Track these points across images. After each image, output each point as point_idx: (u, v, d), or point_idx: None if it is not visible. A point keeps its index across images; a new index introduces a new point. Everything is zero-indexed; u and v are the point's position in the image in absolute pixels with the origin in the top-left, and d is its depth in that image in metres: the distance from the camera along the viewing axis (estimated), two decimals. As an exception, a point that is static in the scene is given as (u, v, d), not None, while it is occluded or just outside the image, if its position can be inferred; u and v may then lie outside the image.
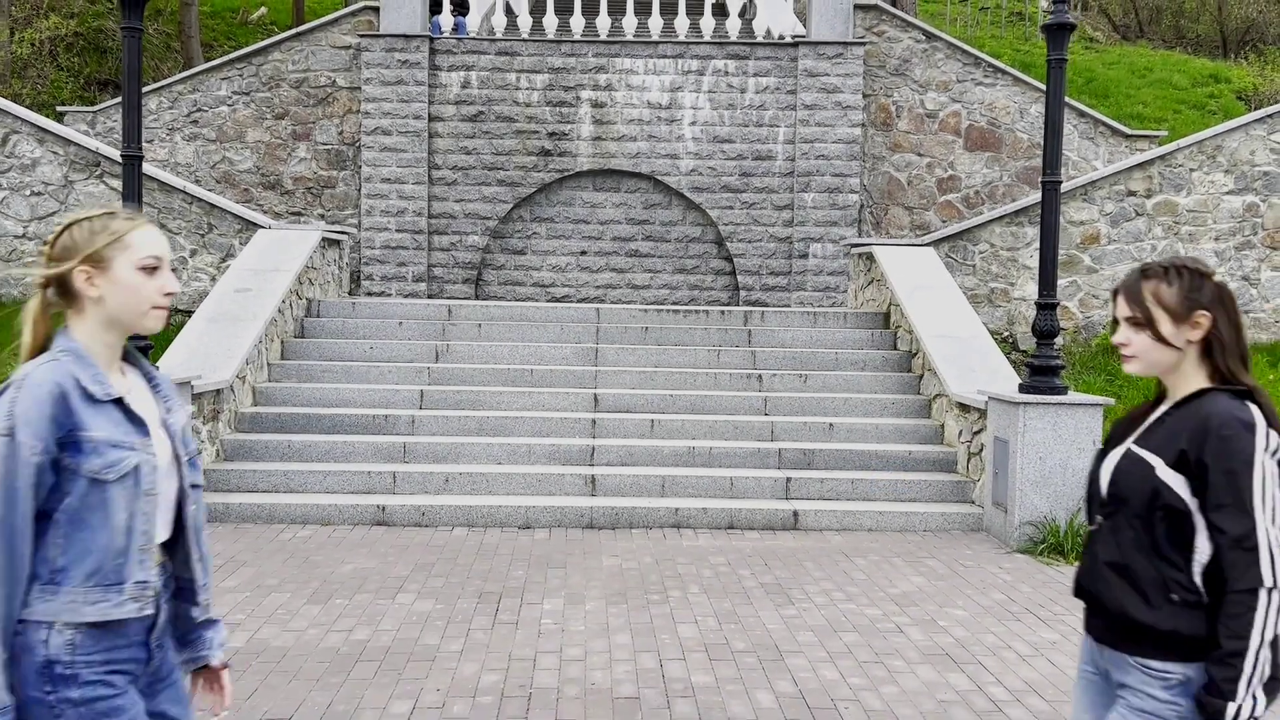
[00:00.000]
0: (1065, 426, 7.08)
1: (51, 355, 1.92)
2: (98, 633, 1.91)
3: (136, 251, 1.97)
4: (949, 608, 5.71)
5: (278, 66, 14.54)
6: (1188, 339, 2.05)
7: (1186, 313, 2.05)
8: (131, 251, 1.96)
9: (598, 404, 8.88)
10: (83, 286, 1.95)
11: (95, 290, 1.95)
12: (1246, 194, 11.67)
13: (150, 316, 1.99)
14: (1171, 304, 2.05)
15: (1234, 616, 1.91)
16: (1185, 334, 2.05)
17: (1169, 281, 2.06)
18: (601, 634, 5.11)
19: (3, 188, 11.30)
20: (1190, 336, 2.05)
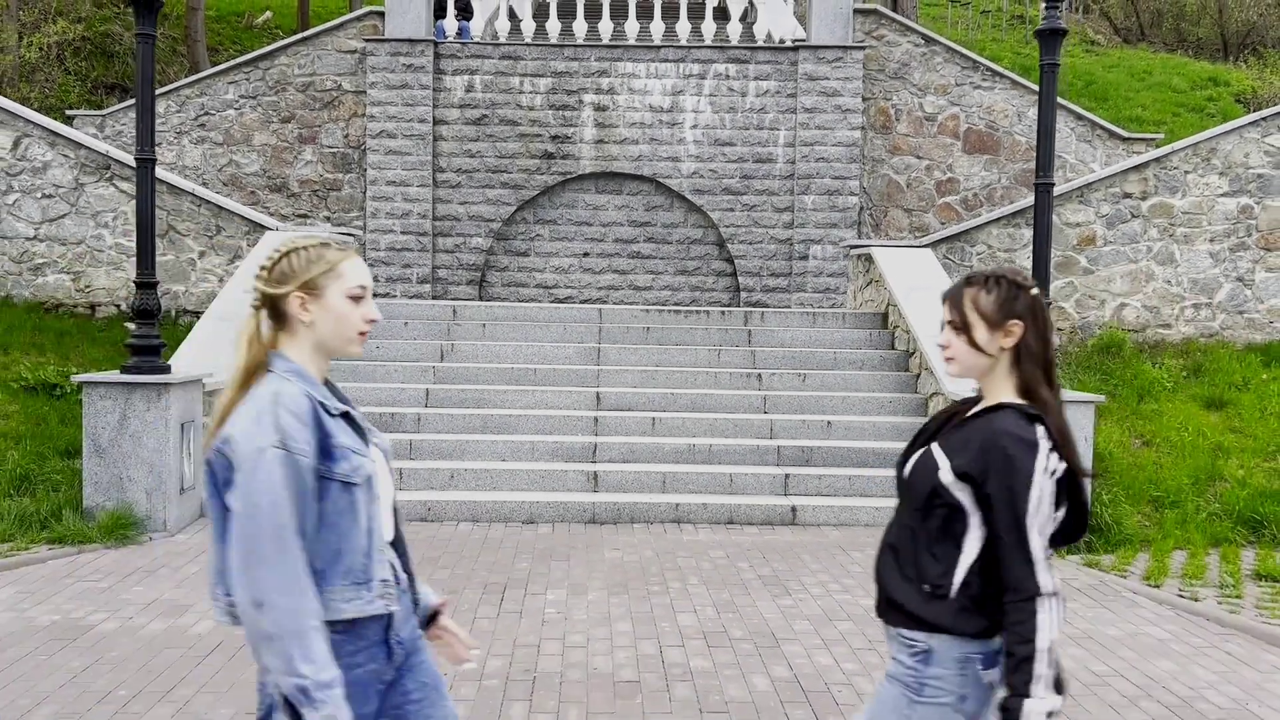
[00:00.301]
0: (1058, 423, 7.21)
1: (280, 375, 2.02)
2: (348, 633, 2.02)
3: (347, 281, 2.07)
4: (942, 598, 5.85)
5: (284, 71, 14.72)
6: (1000, 346, 2.14)
7: (1000, 321, 2.13)
8: (343, 281, 2.07)
9: (600, 402, 9.04)
10: (296, 311, 2.06)
11: (308, 315, 2.06)
12: (1241, 196, 11.81)
13: (354, 343, 2.11)
14: (987, 312, 2.13)
15: (1019, 623, 2.03)
16: (999, 341, 2.14)
17: (988, 290, 2.15)
18: (603, 622, 5.27)
19: (14, 190, 11.47)
20: (1003, 344, 2.14)
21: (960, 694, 2.11)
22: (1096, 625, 5.44)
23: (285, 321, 2.07)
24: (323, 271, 2.05)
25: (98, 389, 6.93)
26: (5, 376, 9.47)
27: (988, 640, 2.12)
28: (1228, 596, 5.97)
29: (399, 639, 2.13)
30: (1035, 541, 2.03)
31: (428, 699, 2.19)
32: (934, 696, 2.12)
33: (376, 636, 2.07)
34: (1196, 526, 7.32)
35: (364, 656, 2.04)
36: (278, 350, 2.07)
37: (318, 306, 2.05)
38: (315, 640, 1.91)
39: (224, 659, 4.67)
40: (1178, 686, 4.59)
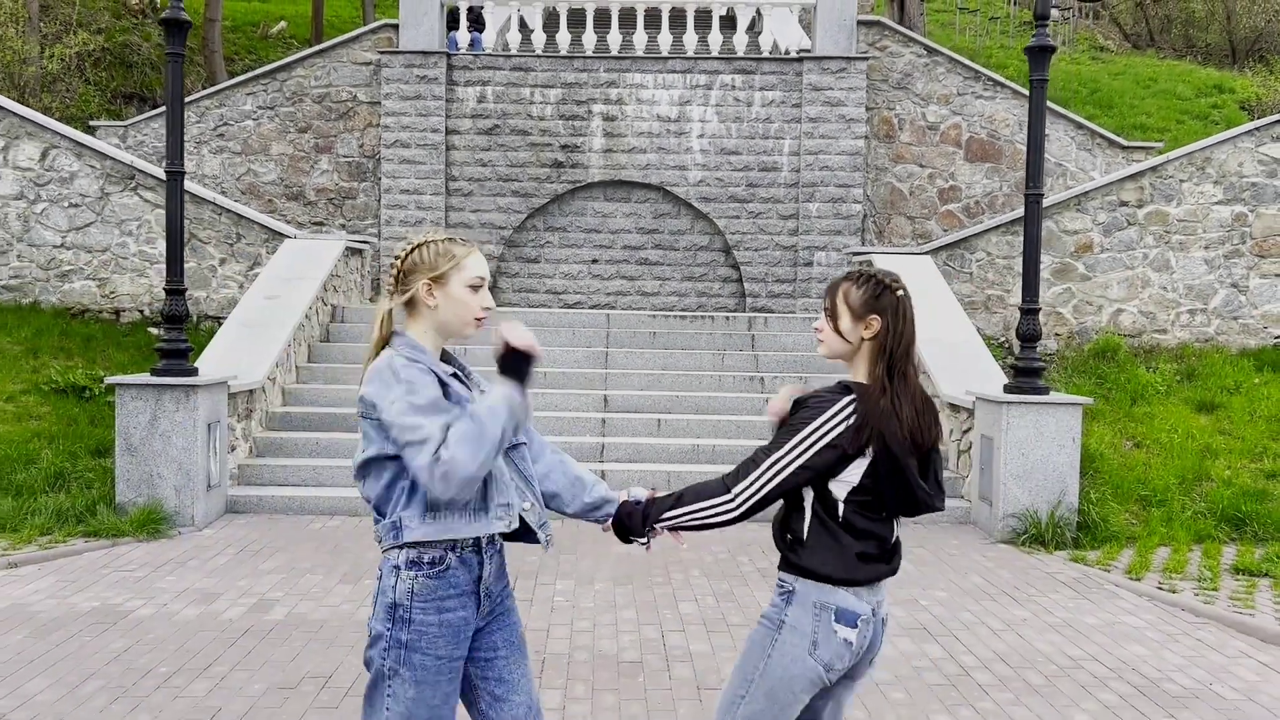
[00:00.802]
0: (1046, 424, 7.52)
1: (396, 350, 2.38)
2: (441, 578, 2.37)
3: (468, 272, 2.42)
4: (931, 590, 6.16)
5: (301, 82, 15.11)
6: (861, 336, 2.45)
7: (863, 314, 2.44)
8: (464, 272, 2.42)
9: (607, 404, 9.36)
10: (423, 297, 2.42)
11: (433, 301, 2.42)
12: (1235, 204, 12.07)
13: (471, 326, 2.45)
14: (854, 304, 2.45)
15: (708, 492, 2.46)
16: (859, 331, 2.45)
17: (858, 286, 2.46)
18: (609, 609, 5.59)
19: (42, 199, 11.86)
20: (863, 334, 2.45)
21: (813, 639, 2.42)
22: (1076, 615, 5.74)
23: (413, 305, 2.44)
24: (449, 265, 2.40)
25: (129, 390, 7.29)
26: (36, 379, 9.85)
27: (842, 591, 2.42)
28: (1204, 589, 6.26)
29: (488, 590, 2.43)
30: (775, 471, 2.39)
31: (513, 658, 2.49)
32: (790, 636, 2.44)
33: (468, 586, 2.38)
34: (1181, 524, 7.60)
35: (454, 603, 2.36)
36: (403, 330, 2.44)
37: (442, 294, 2.41)
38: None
39: (255, 641, 5.01)
40: (1147, 669, 4.89)
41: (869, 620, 2.46)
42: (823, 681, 2.45)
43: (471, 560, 2.39)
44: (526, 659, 2.54)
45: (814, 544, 2.45)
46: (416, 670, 2.32)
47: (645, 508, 2.54)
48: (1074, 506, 7.53)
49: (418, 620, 2.33)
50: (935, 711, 4.34)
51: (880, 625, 2.51)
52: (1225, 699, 4.54)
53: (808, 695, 2.47)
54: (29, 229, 11.86)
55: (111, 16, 23.64)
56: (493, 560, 2.44)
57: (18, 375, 9.93)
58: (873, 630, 2.48)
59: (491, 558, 2.44)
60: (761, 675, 2.47)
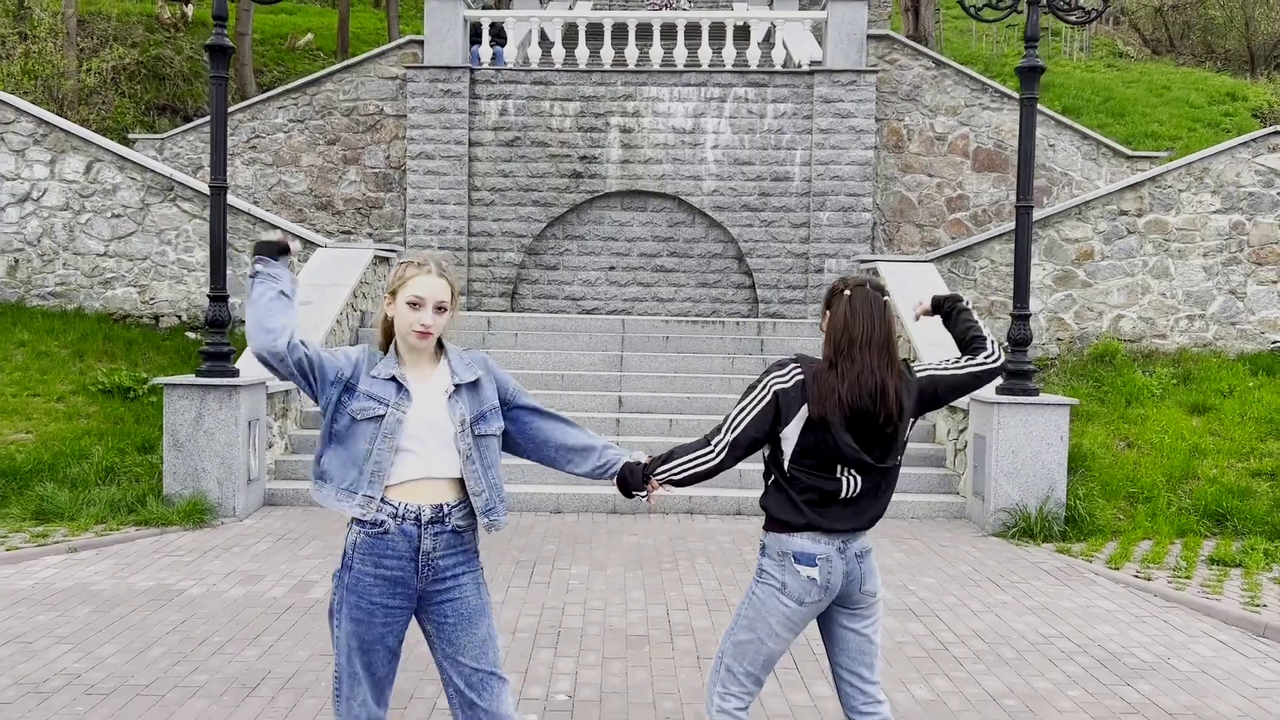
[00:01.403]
0: (1035, 424, 7.95)
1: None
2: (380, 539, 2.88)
3: (408, 291, 2.85)
4: (920, 576, 6.61)
5: (330, 96, 15.70)
6: (824, 325, 3.08)
7: (824, 309, 3.10)
8: (406, 290, 2.86)
9: (622, 405, 9.85)
10: (386, 308, 2.92)
11: (391, 312, 2.91)
12: (1233, 213, 12.44)
13: (413, 336, 2.85)
14: (824, 300, 3.12)
15: (697, 446, 3.05)
16: (823, 321, 3.09)
17: (829, 288, 3.10)
18: (619, 591, 6.07)
19: (87, 210, 12.48)
20: (823, 325, 3.08)
21: (782, 581, 2.99)
22: (1053, 599, 6.17)
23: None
24: (398, 283, 2.89)
25: (177, 390, 7.84)
26: (83, 380, 10.43)
27: (797, 537, 2.98)
28: (1179, 577, 6.67)
29: (430, 562, 2.86)
30: (738, 419, 3.00)
31: (460, 626, 2.92)
32: (766, 580, 3.04)
33: (406, 552, 2.84)
34: (1165, 519, 8.00)
35: (391, 562, 2.83)
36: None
37: (392, 308, 2.91)
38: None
39: (297, 615, 5.52)
40: (1112, 645, 5.32)
41: (830, 558, 2.98)
42: (800, 614, 3.00)
43: (411, 531, 2.83)
44: (479, 630, 2.93)
45: (770, 500, 3.07)
46: (352, 609, 2.84)
47: (644, 467, 3.06)
48: (1062, 501, 7.95)
49: (356, 569, 2.84)
50: (912, 680, 4.79)
51: (855, 560, 3.03)
52: (1179, 671, 4.97)
53: (788, 630, 3.03)
54: (74, 238, 12.48)
55: (145, 30, 24.34)
56: (439, 537, 2.86)
57: (66, 377, 10.52)
58: (845, 566, 3.00)
59: (438, 535, 2.86)
60: (744, 613, 3.09)
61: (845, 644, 3.09)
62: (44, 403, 9.83)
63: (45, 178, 12.48)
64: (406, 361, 2.92)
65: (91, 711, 4.21)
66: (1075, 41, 32.13)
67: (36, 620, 5.37)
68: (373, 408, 2.83)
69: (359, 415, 2.82)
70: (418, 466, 2.86)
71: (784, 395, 2.96)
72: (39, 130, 12.49)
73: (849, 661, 3.09)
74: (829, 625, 3.12)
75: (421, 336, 2.86)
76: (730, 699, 3.05)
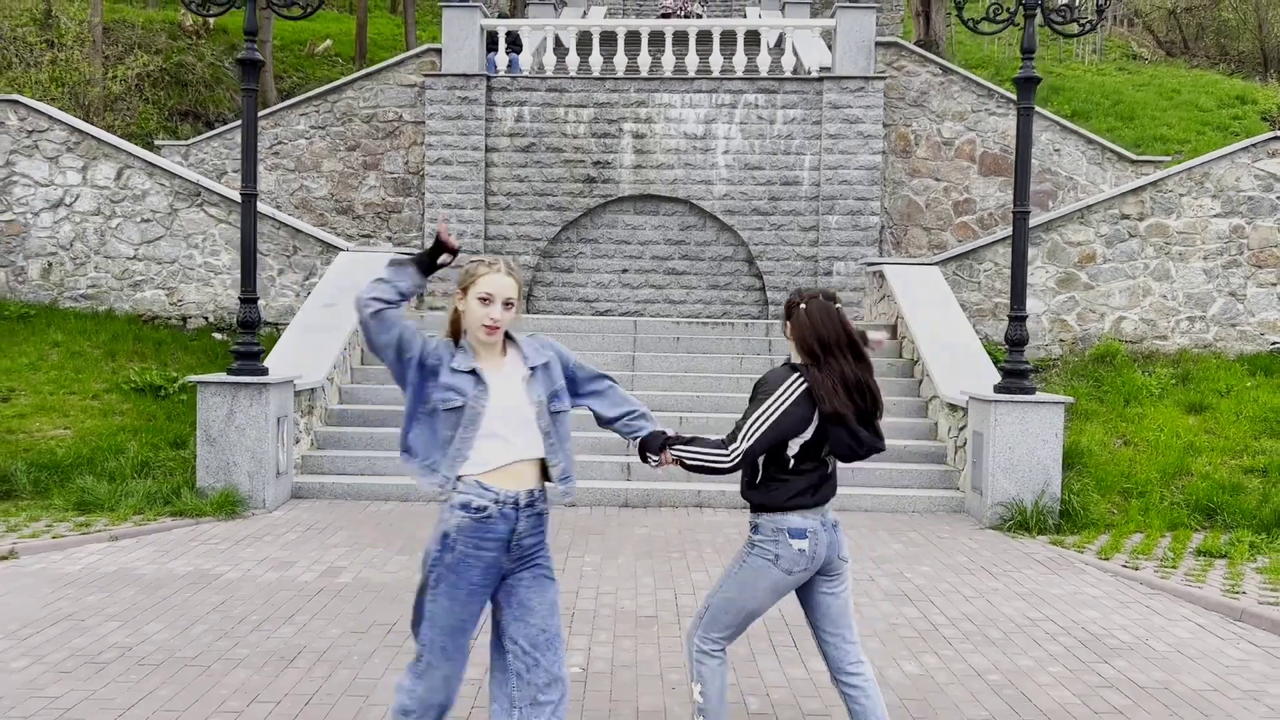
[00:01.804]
0: (1031, 421, 8.26)
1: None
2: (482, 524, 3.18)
3: (479, 288, 3.11)
4: (917, 566, 6.93)
5: (350, 103, 16.11)
6: (787, 334, 3.48)
7: (784, 319, 3.50)
8: (477, 287, 3.13)
9: (634, 404, 10.19)
10: (457, 303, 3.17)
11: (462, 307, 3.16)
12: (1233, 217, 12.70)
13: (481, 331, 3.10)
14: (784, 312, 3.50)
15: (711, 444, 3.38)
16: (786, 332, 3.49)
17: (786, 303, 3.48)
18: (630, 578, 6.42)
19: (117, 215, 12.91)
20: (786, 334, 3.49)
21: (775, 554, 3.38)
22: (1043, 586, 6.49)
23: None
24: (469, 280, 3.16)
25: (209, 388, 8.23)
26: (116, 379, 10.85)
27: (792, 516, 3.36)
28: (1165, 567, 6.97)
29: (520, 542, 3.16)
30: (756, 426, 3.32)
31: (535, 588, 3.20)
32: (759, 553, 3.42)
33: (504, 536, 3.12)
34: (1158, 513, 8.29)
35: (490, 544, 3.11)
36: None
37: (464, 303, 3.16)
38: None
39: (329, 598, 5.89)
40: (1095, 628, 5.64)
41: (816, 530, 3.39)
42: (786, 582, 3.40)
43: (511, 515, 3.11)
44: (549, 594, 3.22)
45: (763, 491, 3.43)
46: (451, 589, 3.11)
47: (666, 437, 3.41)
48: (1056, 496, 8.26)
49: (459, 550, 3.09)
50: (903, 658, 5.12)
51: (833, 529, 3.46)
52: (1156, 650, 5.29)
53: (772, 595, 3.44)
54: (105, 242, 12.92)
55: (168, 38, 24.82)
56: (529, 519, 3.16)
57: (99, 376, 10.94)
58: (826, 536, 3.42)
59: (529, 518, 3.16)
60: (735, 575, 3.48)
61: (827, 609, 3.46)
62: (80, 400, 10.24)
63: (78, 184, 12.92)
64: (480, 353, 3.18)
65: (145, 680, 4.58)
66: (1088, 44, 32.29)
67: (86, 600, 5.76)
68: (453, 399, 3.10)
69: (441, 405, 3.11)
70: (506, 451, 3.13)
71: (801, 400, 3.32)
72: (71, 138, 12.93)
73: (832, 625, 3.45)
74: (811, 596, 3.48)
75: (490, 331, 3.12)
76: (710, 642, 3.49)
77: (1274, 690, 4.76)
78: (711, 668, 3.48)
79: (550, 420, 3.21)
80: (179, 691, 4.46)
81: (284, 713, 4.26)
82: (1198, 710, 4.49)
